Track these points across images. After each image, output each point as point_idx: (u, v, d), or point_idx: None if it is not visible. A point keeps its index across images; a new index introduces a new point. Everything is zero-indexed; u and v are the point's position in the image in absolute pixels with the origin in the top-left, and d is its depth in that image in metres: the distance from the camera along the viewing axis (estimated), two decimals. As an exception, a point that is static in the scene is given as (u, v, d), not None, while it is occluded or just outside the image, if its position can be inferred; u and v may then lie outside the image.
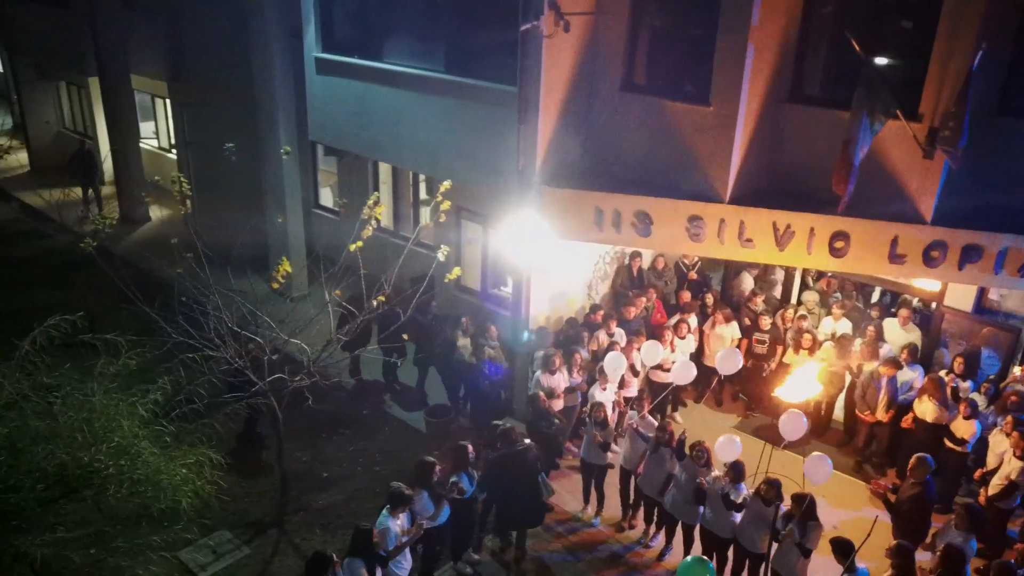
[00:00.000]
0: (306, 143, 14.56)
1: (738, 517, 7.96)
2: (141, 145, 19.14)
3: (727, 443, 8.34)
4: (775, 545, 7.73)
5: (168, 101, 18.43)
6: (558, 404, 9.94)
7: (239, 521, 9.27)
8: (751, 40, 8.75)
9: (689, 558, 7.63)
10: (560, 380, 9.97)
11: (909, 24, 8.86)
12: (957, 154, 7.96)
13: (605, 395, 9.68)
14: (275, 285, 8.15)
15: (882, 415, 9.91)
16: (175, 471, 6.24)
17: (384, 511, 7.34)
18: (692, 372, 9.81)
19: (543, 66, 9.58)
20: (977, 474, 9.00)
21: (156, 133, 20.30)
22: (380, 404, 11.74)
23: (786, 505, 7.62)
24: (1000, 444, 8.70)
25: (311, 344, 8.94)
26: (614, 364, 9.59)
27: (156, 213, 18.54)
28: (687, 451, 8.39)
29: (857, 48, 8.00)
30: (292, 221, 14.03)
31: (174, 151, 19.06)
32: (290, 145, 12.81)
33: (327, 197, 16.24)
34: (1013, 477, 8.27)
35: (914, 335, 10.46)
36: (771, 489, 7.61)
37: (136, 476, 6.05)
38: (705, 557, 7.87)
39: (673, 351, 10.58)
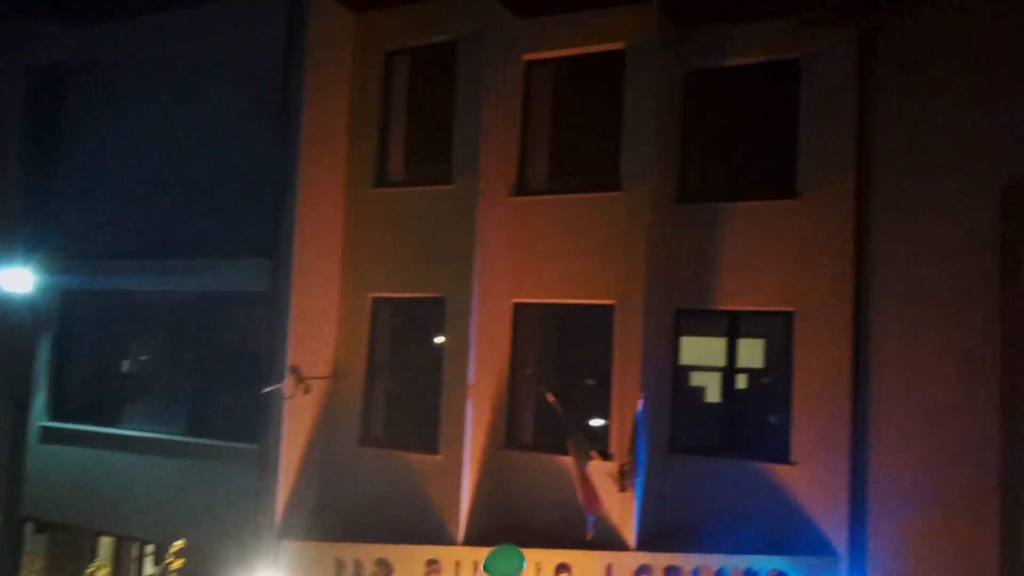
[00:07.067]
0: (13, 521, 13.22)
1: None
2: None
3: None
4: None
5: None
6: None
7: None
8: (469, 397, 10.23)
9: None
10: None
11: (592, 382, 10.91)
12: (634, 486, 9.58)
13: None
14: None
15: None
16: None
17: None
18: None
19: (284, 424, 10.27)
20: None
21: None
22: None
23: None
24: None
25: None
26: None
27: None
28: None
29: (555, 405, 9.70)
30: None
31: None
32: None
33: (32, 584, 14.32)
34: None
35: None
36: None
37: None
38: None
39: None
